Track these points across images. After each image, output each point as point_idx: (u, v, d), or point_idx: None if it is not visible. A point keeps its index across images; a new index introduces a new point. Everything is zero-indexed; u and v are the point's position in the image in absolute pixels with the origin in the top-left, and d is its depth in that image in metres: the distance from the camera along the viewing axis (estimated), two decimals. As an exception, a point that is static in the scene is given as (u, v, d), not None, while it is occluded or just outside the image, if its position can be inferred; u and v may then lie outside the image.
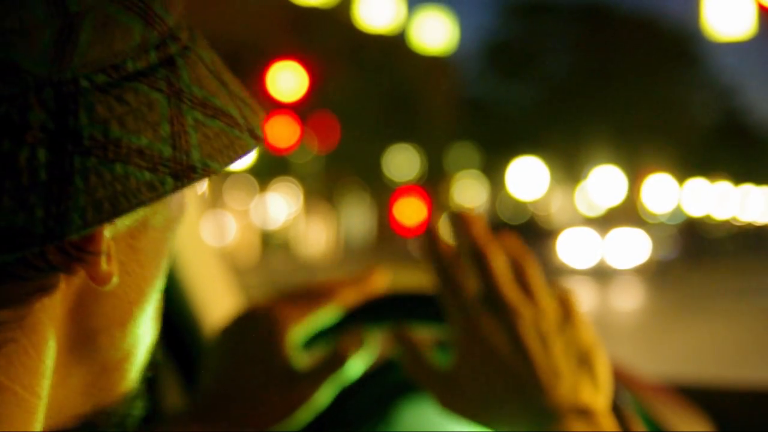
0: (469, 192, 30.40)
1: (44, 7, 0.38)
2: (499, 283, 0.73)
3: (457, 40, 29.89)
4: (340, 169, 21.01)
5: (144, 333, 0.49)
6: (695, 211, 37.16)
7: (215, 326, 0.93)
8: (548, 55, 31.17)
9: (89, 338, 0.46)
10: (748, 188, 41.06)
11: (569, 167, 30.90)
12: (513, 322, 0.72)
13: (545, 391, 0.70)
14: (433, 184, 27.71)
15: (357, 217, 26.37)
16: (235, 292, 1.19)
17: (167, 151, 0.40)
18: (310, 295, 0.80)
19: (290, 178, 22.13)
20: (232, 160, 0.43)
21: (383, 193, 25.59)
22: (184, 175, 0.41)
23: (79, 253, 0.41)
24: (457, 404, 0.73)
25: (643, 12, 32.12)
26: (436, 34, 28.68)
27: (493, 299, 0.73)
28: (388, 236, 24.50)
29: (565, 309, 0.74)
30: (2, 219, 0.37)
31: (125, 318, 0.47)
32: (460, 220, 0.75)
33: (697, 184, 37.80)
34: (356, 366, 0.79)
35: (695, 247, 26.03)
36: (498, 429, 0.71)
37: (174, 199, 0.47)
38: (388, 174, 25.02)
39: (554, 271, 18.59)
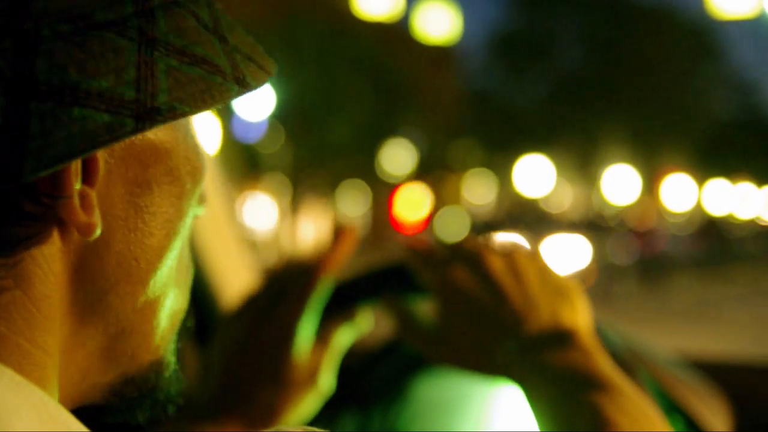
0: (475, 189, 29.14)
1: None
2: (465, 239, 0.81)
3: (460, 29, 28.64)
4: (323, 162, 19.71)
5: (163, 296, 0.50)
6: (716, 211, 35.82)
7: (232, 299, 1.02)
8: (558, 47, 29.70)
9: (98, 297, 0.46)
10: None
11: (582, 166, 29.57)
12: (483, 264, 0.76)
13: (524, 323, 0.73)
14: (435, 180, 26.50)
15: (351, 214, 25.09)
16: (252, 268, 1.21)
17: (130, 94, 0.41)
18: (296, 284, 0.81)
19: (279, 175, 20.86)
20: (206, 104, 0.43)
21: (380, 188, 24.32)
22: (146, 117, 0.41)
23: (48, 199, 0.42)
24: (447, 356, 0.78)
25: (658, 2, 30.60)
26: (438, 23, 27.45)
27: (460, 252, 0.78)
28: (385, 234, 23.22)
29: (531, 251, 0.79)
30: None
31: (132, 276, 0.47)
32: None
33: (718, 184, 36.47)
34: (345, 338, 0.82)
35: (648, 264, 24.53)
36: (489, 371, 0.74)
37: (182, 158, 0.48)
38: (387, 169, 23.70)
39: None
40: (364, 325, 0.84)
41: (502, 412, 0.85)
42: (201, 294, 1.10)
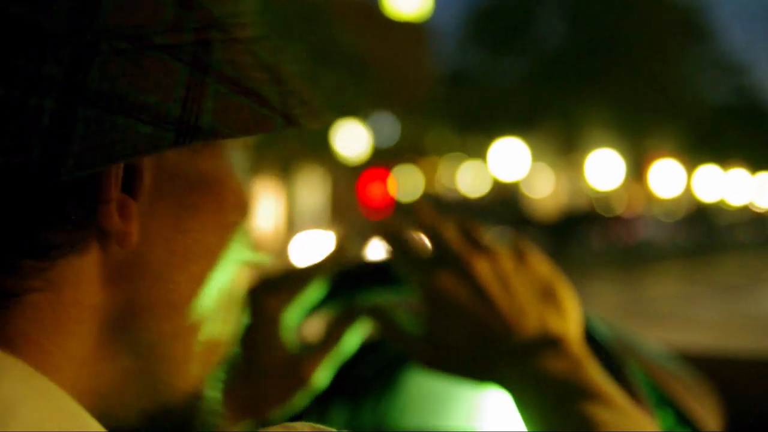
0: (451, 174, 27.85)
1: None
2: (450, 240, 0.78)
3: (432, 4, 27.22)
4: (275, 143, 18.30)
5: (205, 325, 0.50)
6: (706, 198, 34.72)
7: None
8: (539, 24, 28.27)
9: (132, 313, 0.47)
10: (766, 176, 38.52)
11: (564, 150, 28.30)
12: (469, 270, 0.76)
13: (511, 330, 0.73)
14: (406, 163, 25.21)
15: (310, 197, 23.76)
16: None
17: (175, 111, 0.42)
18: (289, 276, 0.81)
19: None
20: (248, 131, 0.45)
21: (341, 171, 22.98)
22: (187, 133, 0.42)
23: (87, 203, 0.43)
24: (435, 362, 0.77)
25: (645, -22, 29.17)
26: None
27: (446, 256, 0.77)
28: (349, 218, 21.90)
29: (519, 252, 0.78)
30: (2, 157, 0.40)
31: (170, 299, 0.48)
32: (410, 207, 0.76)
33: (709, 171, 35.33)
34: (351, 343, 0.81)
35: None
36: (476, 376, 0.75)
37: (229, 191, 0.49)
38: (348, 151, 22.29)
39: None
40: (367, 326, 0.82)
41: (493, 405, 0.86)
42: None
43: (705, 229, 28.14)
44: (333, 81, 17.31)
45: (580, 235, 21.14)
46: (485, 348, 0.74)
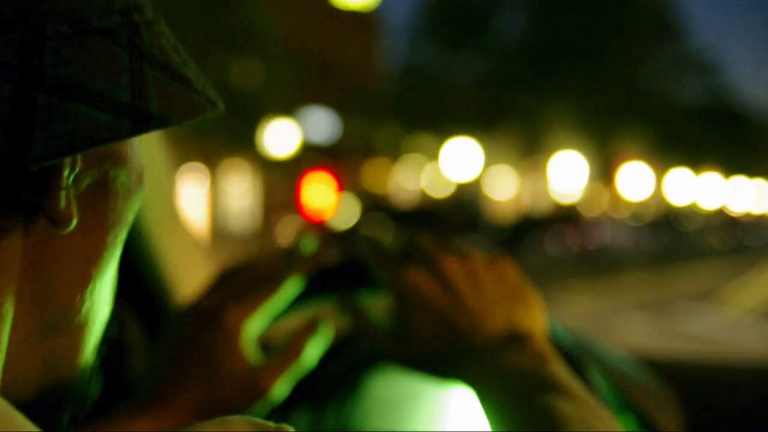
0: (403, 174, 26.37)
1: None
2: (420, 238, 0.81)
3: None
4: (198, 137, 16.65)
5: (100, 302, 0.51)
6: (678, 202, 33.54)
7: (185, 296, 1.04)
8: (498, 16, 26.81)
9: (49, 294, 0.47)
10: (740, 180, 37.38)
11: (527, 151, 26.93)
12: (438, 267, 0.78)
13: (479, 327, 0.75)
14: (350, 163, 23.70)
15: (239, 196, 22.09)
16: (208, 263, 1.21)
17: (126, 98, 0.43)
18: (254, 285, 0.80)
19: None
20: (187, 117, 0.46)
21: (270, 168, 21.36)
22: (141, 121, 0.43)
23: (42, 189, 0.43)
24: (401, 357, 0.78)
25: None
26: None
27: (417, 253, 0.80)
28: (279, 219, 20.28)
29: (490, 255, 0.81)
30: None
31: (83, 278, 0.48)
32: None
33: (680, 174, 34.15)
34: (312, 355, 0.81)
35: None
36: (442, 373, 0.76)
37: (133, 167, 0.50)
38: (275, 148, 20.59)
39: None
40: (328, 337, 0.83)
41: (455, 410, 0.87)
42: (154, 288, 1.11)
43: (673, 233, 26.84)
44: (242, 68, 15.68)
45: (535, 240, 19.72)
46: (452, 344, 0.75)
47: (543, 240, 20.04)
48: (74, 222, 0.45)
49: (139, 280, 1.10)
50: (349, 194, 21.27)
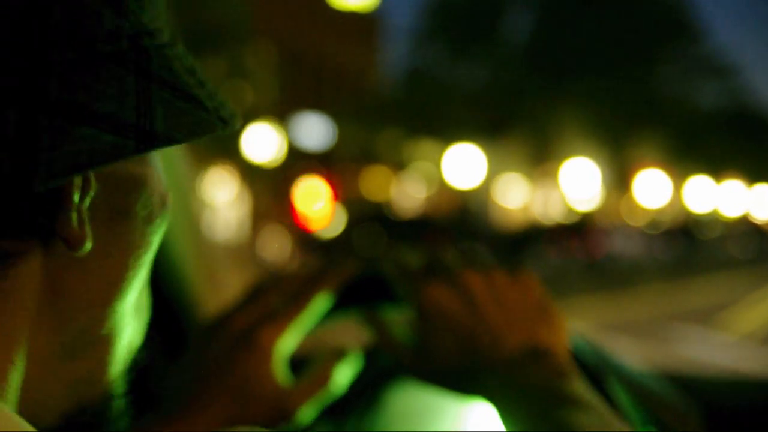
0: (408, 182, 25.50)
1: None
2: (443, 253, 0.82)
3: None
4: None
5: (125, 324, 0.52)
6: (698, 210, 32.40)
7: (206, 317, 1.03)
8: (506, 19, 25.91)
9: (70, 317, 0.48)
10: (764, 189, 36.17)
11: (539, 159, 25.99)
12: (461, 282, 0.79)
13: (501, 343, 0.75)
14: (351, 170, 22.88)
15: (225, 203, 21.23)
16: (229, 283, 1.22)
17: (131, 118, 0.44)
18: (285, 303, 0.81)
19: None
20: (195, 135, 0.47)
21: (257, 175, 20.52)
22: (146, 140, 0.44)
23: (52, 210, 0.44)
24: (423, 372, 0.79)
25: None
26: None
27: (440, 268, 0.80)
28: (270, 226, 19.46)
29: (513, 271, 0.81)
30: None
31: (105, 300, 0.49)
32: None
33: (700, 182, 33.00)
34: (340, 382, 0.82)
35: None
36: (463, 389, 0.77)
37: (156, 192, 0.51)
38: (259, 154, 19.71)
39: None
40: (356, 364, 0.84)
41: (476, 425, 0.88)
42: (177, 305, 1.11)
43: (691, 241, 25.73)
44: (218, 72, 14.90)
45: (538, 250, 18.77)
46: (473, 359, 0.76)
47: (548, 249, 19.10)
48: (88, 244, 0.45)
49: (162, 297, 1.07)
50: (346, 203, 20.46)
